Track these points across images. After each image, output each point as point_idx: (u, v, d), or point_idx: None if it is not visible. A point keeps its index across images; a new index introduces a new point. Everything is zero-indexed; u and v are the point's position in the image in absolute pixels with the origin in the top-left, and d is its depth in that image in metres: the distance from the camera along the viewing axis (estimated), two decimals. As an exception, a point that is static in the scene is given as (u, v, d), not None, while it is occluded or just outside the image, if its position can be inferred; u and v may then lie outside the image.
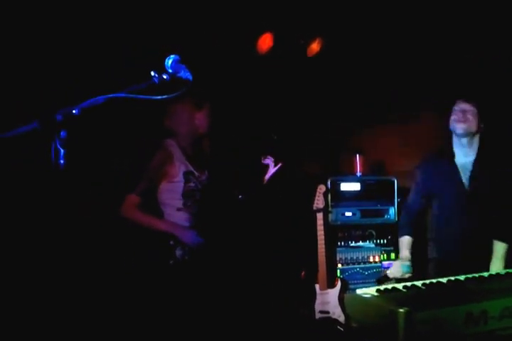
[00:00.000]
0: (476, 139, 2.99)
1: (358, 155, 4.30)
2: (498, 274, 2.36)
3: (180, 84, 1.72)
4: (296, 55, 4.33)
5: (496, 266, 2.82)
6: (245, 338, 3.39)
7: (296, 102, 4.40)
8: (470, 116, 2.91)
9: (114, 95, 1.60)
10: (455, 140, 3.02)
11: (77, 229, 3.00)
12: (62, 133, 1.55)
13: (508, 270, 2.44)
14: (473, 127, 2.93)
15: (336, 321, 3.64)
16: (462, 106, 2.94)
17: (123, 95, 1.61)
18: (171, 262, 2.93)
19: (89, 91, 1.68)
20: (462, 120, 2.91)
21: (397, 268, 3.07)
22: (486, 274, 2.35)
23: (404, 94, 4.34)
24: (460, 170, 2.98)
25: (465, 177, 2.96)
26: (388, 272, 3.14)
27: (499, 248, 2.87)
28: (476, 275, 2.34)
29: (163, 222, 2.98)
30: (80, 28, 3.07)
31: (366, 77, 4.38)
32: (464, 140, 2.97)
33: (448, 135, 3.06)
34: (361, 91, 4.48)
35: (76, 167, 1.70)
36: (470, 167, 2.97)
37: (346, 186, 4.10)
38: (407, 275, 3.00)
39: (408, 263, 3.04)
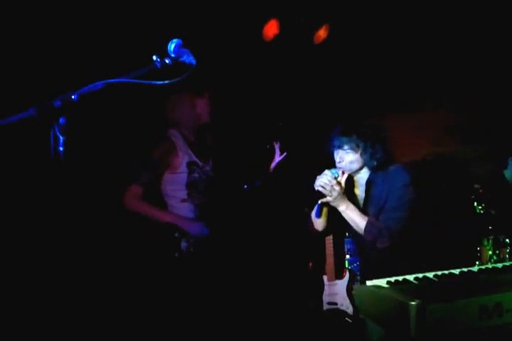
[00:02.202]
0: None
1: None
2: (512, 265, 2.30)
3: (183, 69, 1.66)
4: (302, 42, 4.25)
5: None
6: (251, 330, 3.36)
7: (303, 90, 4.32)
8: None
9: (113, 80, 1.53)
10: None
11: (79, 219, 2.96)
12: (61, 119, 1.49)
13: (522, 261, 2.38)
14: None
15: (344, 313, 3.60)
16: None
17: (123, 80, 1.54)
18: (176, 254, 2.90)
19: (88, 77, 1.62)
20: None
21: (325, 176, 2.53)
22: (499, 265, 2.29)
23: (416, 84, 4.26)
24: None
25: None
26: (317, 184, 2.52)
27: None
28: (490, 266, 2.29)
29: (168, 214, 2.95)
30: (79, 12, 3.00)
31: (377, 65, 4.30)
32: None
33: None
34: (371, 80, 4.39)
35: (76, 155, 1.64)
36: None
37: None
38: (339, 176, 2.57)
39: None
